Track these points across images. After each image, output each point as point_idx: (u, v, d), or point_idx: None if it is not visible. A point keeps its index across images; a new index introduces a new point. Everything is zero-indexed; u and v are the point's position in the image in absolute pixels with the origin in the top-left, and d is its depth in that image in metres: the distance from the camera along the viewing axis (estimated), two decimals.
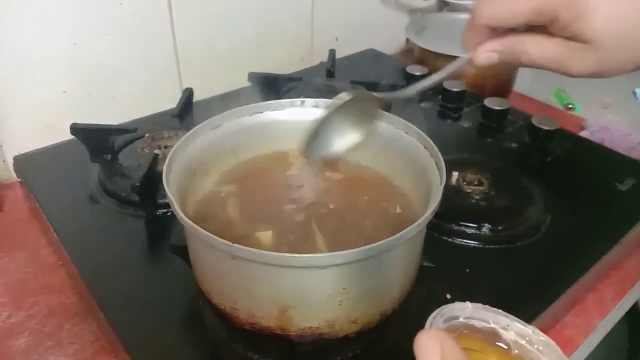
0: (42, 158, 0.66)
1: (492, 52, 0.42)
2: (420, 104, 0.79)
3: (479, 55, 0.42)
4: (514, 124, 0.74)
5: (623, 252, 0.58)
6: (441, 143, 0.45)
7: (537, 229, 0.56)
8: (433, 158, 0.44)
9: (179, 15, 0.76)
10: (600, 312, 0.53)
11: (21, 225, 0.62)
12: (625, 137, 0.78)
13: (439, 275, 0.49)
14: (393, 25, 1.05)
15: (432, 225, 0.52)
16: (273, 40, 0.89)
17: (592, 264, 0.52)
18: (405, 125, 0.48)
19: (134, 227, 0.56)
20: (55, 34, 0.67)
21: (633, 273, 0.58)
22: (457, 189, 0.59)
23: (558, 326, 0.51)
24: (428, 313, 0.46)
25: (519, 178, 0.63)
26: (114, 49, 0.72)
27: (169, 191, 0.39)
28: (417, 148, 0.46)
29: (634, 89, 0.94)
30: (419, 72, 0.82)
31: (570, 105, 0.89)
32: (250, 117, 0.50)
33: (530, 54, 0.40)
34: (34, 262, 0.56)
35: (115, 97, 0.75)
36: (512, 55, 0.41)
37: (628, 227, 0.56)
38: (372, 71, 0.91)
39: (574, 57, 0.40)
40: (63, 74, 0.70)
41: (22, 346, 0.47)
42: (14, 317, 0.50)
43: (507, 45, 0.41)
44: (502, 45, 0.41)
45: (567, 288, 0.49)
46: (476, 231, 0.54)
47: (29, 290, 0.53)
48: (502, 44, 0.41)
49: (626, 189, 0.62)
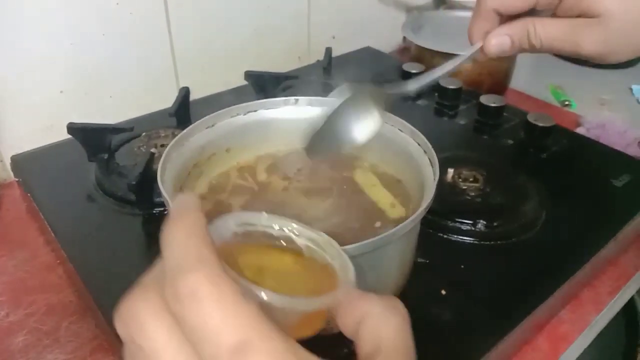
0: (40, 157, 0.66)
1: (503, 36, 0.42)
2: (417, 101, 0.79)
3: (490, 42, 0.43)
4: (510, 121, 0.74)
5: (618, 248, 0.58)
6: (437, 140, 0.45)
7: (532, 226, 0.56)
8: (427, 155, 0.44)
9: (176, 15, 0.76)
10: (595, 308, 0.54)
11: (19, 224, 0.62)
12: (621, 134, 0.78)
13: (434, 271, 0.49)
14: (390, 24, 1.05)
15: (427, 222, 0.52)
16: (270, 39, 0.89)
17: (587, 259, 0.52)
18: (399, 123, 0.48)
19: (131, 226, 0.56)
20: (52, 34, 0.67)
21: (628, 269, 0.58)
22: (453, 186, 0.60)
23: (553, 321, 0.52)
24: (424, 309, 0.46)
25: (514, 175, 0.63)
26: (111, 48, 0.73)
27: (164, 190, 0.39)
28: (412, 145, 0.46)
29: (631, 85, 0.94)
30: (416, 70, 0.83)
31: (566, 102, 0.89)
32: (244, 115, 0.50)
33: (540, 35, 0.41)
34: (32, 261, 0.57)
35: (112, 96, 0.75)
36: (522, 39, 0.41)
37: (623, 223, 0.57)
38: (369, 69, 0.91)
39: (583, 33, 0.39)
40: (60, 74, 0.70)
41: (20, 344, 0.48)
42: (12, 316, 0.50)
43: (516, 28, 0.41)
44: (511, 29, 0.42)
45: (562, 284, 0.49)
46: (471, 227, 0.54)
47: (27, 288, 0.53)
48: (512, 27, 0.42)
49: (621, 185, 0.62)
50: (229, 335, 0.18)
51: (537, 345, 0.49)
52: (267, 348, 0.18)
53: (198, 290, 0.19)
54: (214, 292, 0.19)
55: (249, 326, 0.18)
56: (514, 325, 0.45)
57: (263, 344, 0.18)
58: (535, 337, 0.50)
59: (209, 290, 0.19)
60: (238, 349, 0.18)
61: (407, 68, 0.83)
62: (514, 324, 0.45)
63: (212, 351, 0.18)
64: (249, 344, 0.18)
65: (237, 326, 0.18)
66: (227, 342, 0.18)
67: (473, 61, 0.47)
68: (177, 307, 0.19)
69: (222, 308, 0.19)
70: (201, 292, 0.19)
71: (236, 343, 0.18)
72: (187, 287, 0.19)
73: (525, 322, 0.46)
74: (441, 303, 0.47)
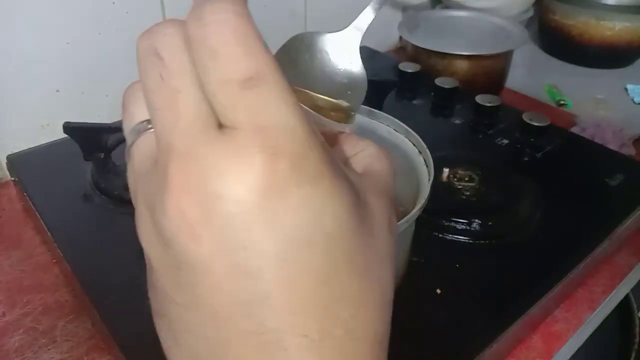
0: (36, 157, 0.66)
1: None
2: (413, 101, 0.80)
3: None
4: (506, 120, 0.74)
5: (613, 247, 0.58)
6: (433, 140, 0.46)
7: (527, 225, 0.56)
8: (422, 155, 0.44)
9: (172, 13, 0.76)
10: (590, 307, 0.54)
11: (15, 224, 0.62)
12: (616, 133, 0.78)
13: (429, 270, 0.50)
14: (386, 23, 1.05)
15: (422, 221, 0.52)
16: (266, 38, 0.88)
17: (581, 258, 0.52)
18: (394, 123, 0.48)
19: (127, 225, 0.55)
20: (48, 33, 0.67)
21: (623, 267, 0.58)
22: (448, 185, 0.60)
23: (548, 320, 0.52)
24: (418, 308, 0.46)
25: (509, 174, 0.63)
26: (107, 47, 0.72)
27: None
28: (406, 145, 0.46)
29: (626, 85, 0.94)
30: (412, 69, 0.83)
31: (562, 101, 0.89)
32: None
33: None
34: (28, 261, 0.57)
35: (108, 95, 0.75)
36: None
37: (618, 222, 0.57)
38: (365, 68, 0.91)
39: None
40: (56, 73, 0.70)
41: (16, 344, 0.48)
42: (8, 315, 0.50)
43: None
44: None
45: (556, 282, 0.50)
46: (466, 227, 0.54)
47: (23, 288, 0.53)
48: None
49: (616, 185, 0.63)
50: (246, 66, 0.18)
51: (532, 343, 0.50)
52: (279, 90, 0.18)
53: (227, 19, 0.18)
54: (242, 26, 0.18)
55: (267, 67, 0.18)
56: (509, 324, 0.45)
57: (276, 84, 0.18)
58: (530, 336, 0.50)
59: (237, 22, 0.18)
60: (250, 79, 0.17)
61: (403, 67, 0.83)
62: (508, 323, 0.45)
63: (223, 76, 0.18)
64: (262, 79, 0.18)
65: (256, 61, 0.18)
66: (242, 71, 0.18)
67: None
68: (200, 30, 0.18)
69: (247, 44, 0.18)
70: (229, 21, 0.18)
71: (250, 74, 0.18)
72: (215, 13, 0.18)
73: (520, 321, 0.46)
74: (436, 302, 0.47)
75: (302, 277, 0.18)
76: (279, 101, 0.18)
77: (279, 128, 0.17)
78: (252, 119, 0.17)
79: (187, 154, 0.18)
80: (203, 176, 0.17)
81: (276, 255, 0.18)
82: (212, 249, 0.18)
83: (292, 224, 0.18)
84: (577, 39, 0.99)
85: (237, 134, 0.17)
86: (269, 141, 0.17)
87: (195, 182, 0.17)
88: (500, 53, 0.86)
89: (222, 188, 0.17)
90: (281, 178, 0.17)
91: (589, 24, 0.97)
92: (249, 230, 0.17)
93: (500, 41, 0.88)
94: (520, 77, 0.95)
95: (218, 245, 0.17)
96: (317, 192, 0.18)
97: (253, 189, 0.17)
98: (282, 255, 0.18)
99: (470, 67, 0.85)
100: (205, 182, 0.17)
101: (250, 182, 0.17)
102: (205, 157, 0.17)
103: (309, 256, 0.18)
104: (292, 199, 0.17)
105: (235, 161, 0.17)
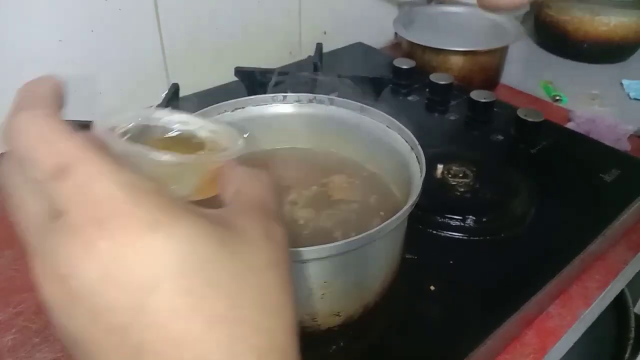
0: None
1: None
2: (408, 97, 0.79)
3: None
4: (501, 116, 0.74)
5: (607, 243, 0.58)
6: (427, 136, 0.46)
7: (521, 221, 0.56)
8: (414, 152, 0.44)
9: (165, 11, 0.76)
10: (584, 302, 0.54)
11: (8, 222, 0.62)
12: (611, 129, 0.78)
13: (423, 267, 0.50)
14: (381, 19, 1.05)
15: (416, 218, 0.52)
16: (261, 35, 0.89)
17: (576, 254, 0.52)
18: (387, 120, 0.48)
19: None
20: (40, 30, 0.67)
21: (617, 263, 0.58)
22: (442, 182, 0.60)
23: (542, 316, 0.52)
24: (413, 305, 0.46)
25: (504, 170, 0.63)
26: (100, 45, 0.72)
27: None
28: (399, 142, 0.46)
29: (621, 80, 0.94)
30: (407, 65, 0.82)
31: (557, 97, 0.89)
32: (231, 112, 0.50)
33: None
34: (21, 259, 0.56)
35: (101, 93, 0.75)
36: None
37: (612, 218, 0.57)
38: (361, 65, 0.91)
39: None
40: (49, 71, 0.69)
41: (9, 343, 0.47)
42: (1, 315, 0.50)
43: None
44: None
45: (551, 278, 0.50)
46: (461, 223, 0.54)
47: (16, 287, 0.53)
48: None
49: (611, 180, 0.63)
50: (52, 161, 0.20)
51: (526, 340, 0.50)
52: (92, 165, 0.20)
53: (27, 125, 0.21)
54: (45, 126, 0.21)
55: (76, 152, 0.20)
56: (503, 320, 0.45)
57: (88, 162, 0.20)
58: (524, 332, 0.50)
59: (40, 124, 0.21)
60: (58, 171, 0.20)
61: (398, 64, 0.83)
62: (502, 319, 0.45)
63: (39, 177, 0.20)
64: (72, 165, 0.20)
65: (61, 153, 0.20)
66: (50, 167, 0.20)
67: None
68: (15, 142, 0.21)
69: (49, 140, 0.20)
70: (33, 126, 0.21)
71: (59, 165, 0.20)
72: (18, 123, 0.21)
73: (514, 317, 0.46)
74: (430, 298, 0.47)
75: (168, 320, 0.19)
76: (95, 176, 0.20)
77: (98, 199, 0.19)
78: (74, 200, 0.20)
79: (40, 249, 0.21)
80: (56, 264, 0.20)
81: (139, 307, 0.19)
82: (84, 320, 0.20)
83: (140, 272, 0.19)
84: (573, 35, 0.99)
85: (67, 218, 0.20)
86: (94, 213, 0.19)
87: (50, 271, 0.20)
88: (495, 49, 0.86)
89: (72, 267, 0.19)
90: (116, 238, 0.19)
91: (584, 20, 0.97)
92: (108, 292, 0.19)
93: (495, 37, 0.88)
94: (515, 73, 0.95)
95: (89, 315, 0.20)
96: (155, 239, 0.19)
97: (95, 258, 0.19)
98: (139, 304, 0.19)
99: (465, 63, 0.85)
100: (59, 267, 0.20)
101: (92, 254, 0.19)
102: (52, 247, 0.20)
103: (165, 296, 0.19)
104: (130, 252, 0.19)
105: (72, 242, 0.19)
